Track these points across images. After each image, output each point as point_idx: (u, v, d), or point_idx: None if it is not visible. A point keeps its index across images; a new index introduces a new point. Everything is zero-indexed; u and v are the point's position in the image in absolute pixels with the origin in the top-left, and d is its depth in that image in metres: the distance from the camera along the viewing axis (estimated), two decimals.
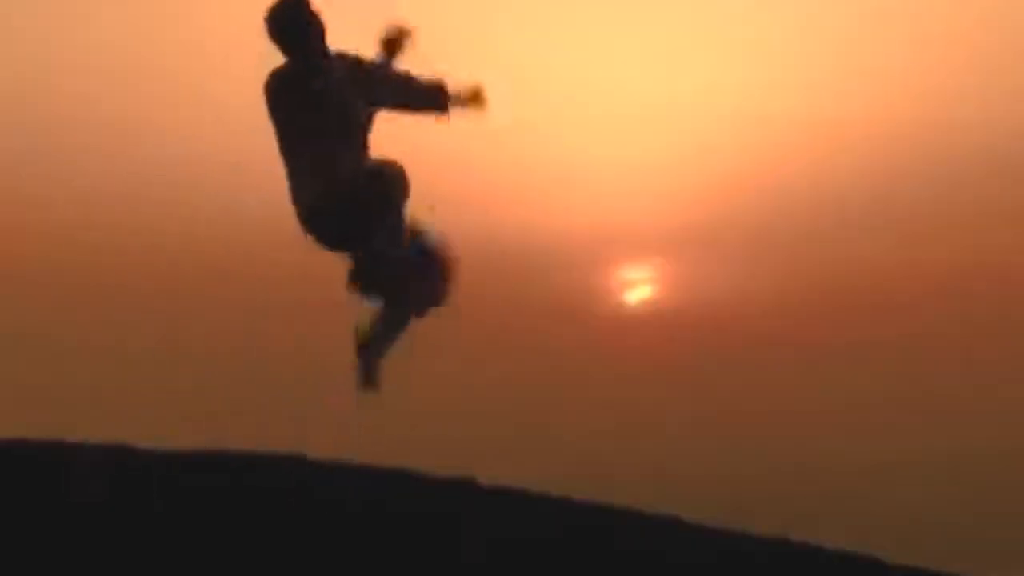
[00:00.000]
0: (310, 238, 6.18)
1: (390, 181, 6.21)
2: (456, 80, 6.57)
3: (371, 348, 6.42)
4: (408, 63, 6.57)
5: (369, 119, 6.32)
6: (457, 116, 6.64)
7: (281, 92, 6.17)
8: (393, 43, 6.54)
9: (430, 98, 6.55)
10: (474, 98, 6.62)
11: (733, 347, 35.08)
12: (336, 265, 6.81)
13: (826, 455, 29.47)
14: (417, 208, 6.47)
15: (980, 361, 33.35)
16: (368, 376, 6.40)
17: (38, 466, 7.89)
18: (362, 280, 6.47)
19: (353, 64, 6.33)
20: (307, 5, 6.24)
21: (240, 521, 6.58)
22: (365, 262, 6.34)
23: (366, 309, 6.41)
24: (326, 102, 6.12)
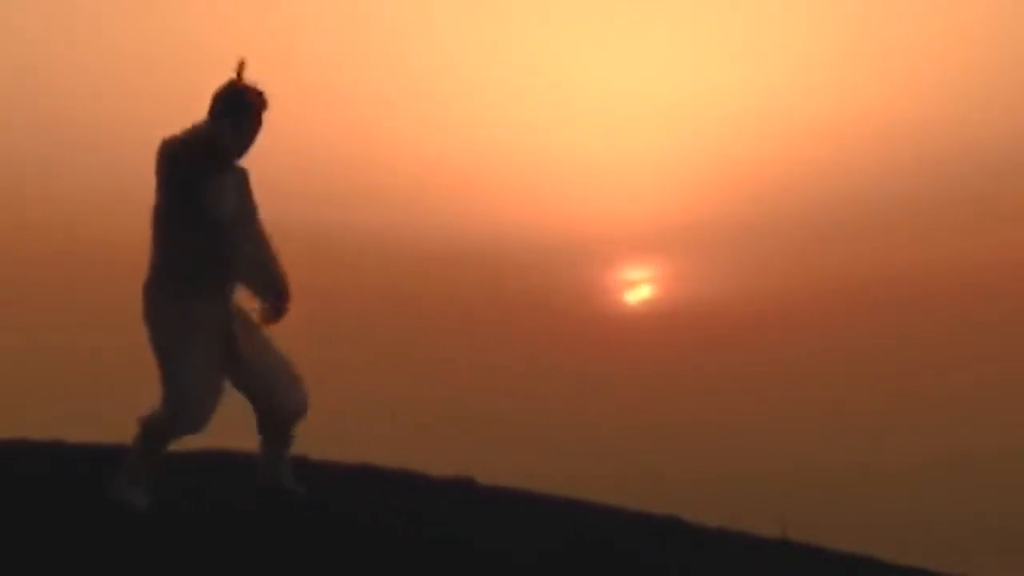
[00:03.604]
0: None
1: None
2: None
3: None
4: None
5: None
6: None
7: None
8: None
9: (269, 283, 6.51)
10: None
11: (732, 346, 35.06)
12: (333, 262, 6.84)
13: (825, 454, 29.49)
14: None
15: (980, 361, 33.33)
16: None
17: (38, 466, 7.89)
18: None
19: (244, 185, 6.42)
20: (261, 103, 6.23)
21: (240, 521, 6.58)
22: None
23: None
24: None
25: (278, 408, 6.53)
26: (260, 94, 6.29)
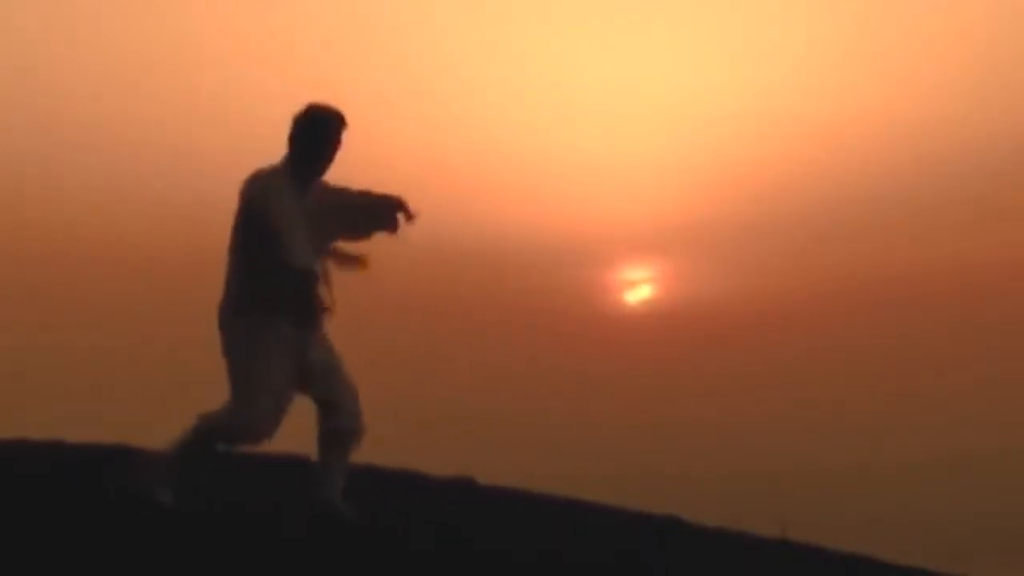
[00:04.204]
0: None
1: None
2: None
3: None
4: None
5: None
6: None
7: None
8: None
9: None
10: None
11: (732, 346, 35.06)
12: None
13: (825, 454, 29.48)
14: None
15: (980, 361, 33.34)
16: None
17: (38, 466, 7.90)
18: None
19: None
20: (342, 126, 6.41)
21: (241, 522, 6.59)
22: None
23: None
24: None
25: (341, 425, 6.61)
26: (339, 116, 6.41)
